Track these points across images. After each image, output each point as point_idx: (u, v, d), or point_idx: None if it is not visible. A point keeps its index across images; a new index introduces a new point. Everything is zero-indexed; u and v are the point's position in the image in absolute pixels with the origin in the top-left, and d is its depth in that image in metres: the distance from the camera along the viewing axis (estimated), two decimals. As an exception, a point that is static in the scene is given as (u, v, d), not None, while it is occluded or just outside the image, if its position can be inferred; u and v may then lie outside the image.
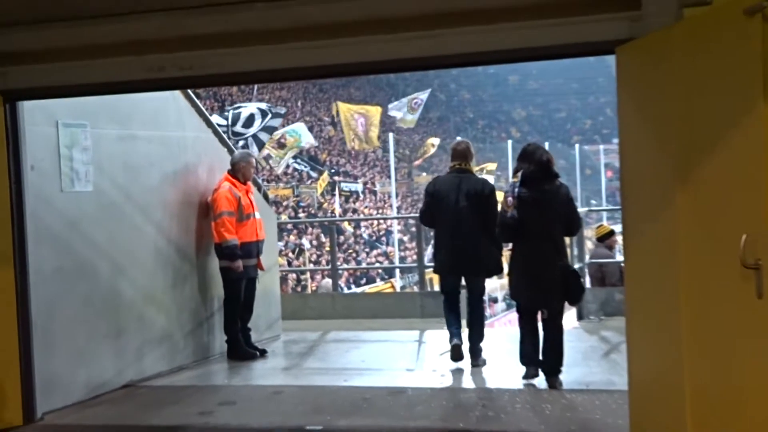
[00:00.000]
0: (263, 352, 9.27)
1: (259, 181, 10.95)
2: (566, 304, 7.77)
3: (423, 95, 37.71)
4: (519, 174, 7.47)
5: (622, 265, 10.80)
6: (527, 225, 7.26)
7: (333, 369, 8.55)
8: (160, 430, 6.53)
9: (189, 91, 9.13)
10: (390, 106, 39.72)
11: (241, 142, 33.01)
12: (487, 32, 6.02)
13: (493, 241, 8.04)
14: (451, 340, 8.23)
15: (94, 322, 7.72)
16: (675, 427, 5.02)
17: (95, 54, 6.69)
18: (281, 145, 30.16)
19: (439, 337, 9.80)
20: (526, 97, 69.56)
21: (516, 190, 7.35)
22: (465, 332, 8.38)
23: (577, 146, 53.72)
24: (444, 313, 8.44)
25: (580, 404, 6.70)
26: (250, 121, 28.07)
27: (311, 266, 28.92)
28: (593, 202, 50.27)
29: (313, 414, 6.73)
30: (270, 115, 29.32)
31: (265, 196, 10.61)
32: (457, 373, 8.16)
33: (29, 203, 6.99)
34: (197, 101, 9.31)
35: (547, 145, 39.21)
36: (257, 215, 9.23)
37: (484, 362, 8.27)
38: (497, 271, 8.46)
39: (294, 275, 27.35)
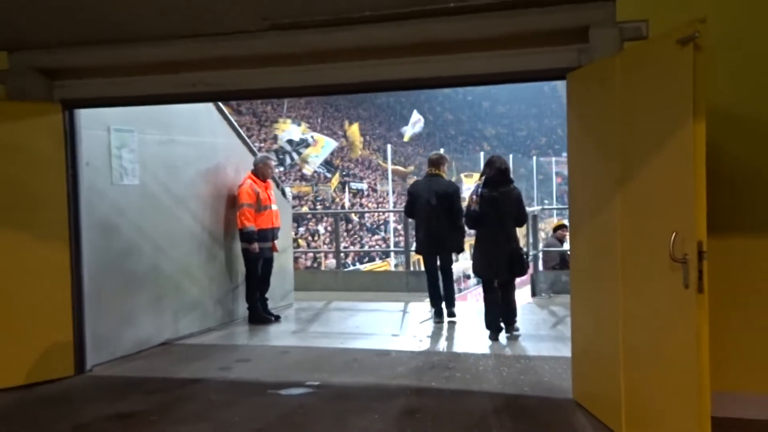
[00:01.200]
0: (277, 318, 8.95)
1: (278, 179, 10.54)
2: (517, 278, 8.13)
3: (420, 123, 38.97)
4: (482, 177, 7.72)
5: (569, 252, 10.51)
6: (486, 217, 7.53)
7: (332, 333, 8.21)
8: (186, 382, 6.19)
9: (221, 105, 8.80)
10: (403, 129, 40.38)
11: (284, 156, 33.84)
12: (462, 59, 5.75)
13: (457, 228, 8.47)
14: (433, 305, 8.71)
15: (138, 291, 7.44)
16: (610, 388, 4.68)
17: (138, 72, 6.43)
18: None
19: (419, 309, 9.54)
20: (495, 119, 69.89)
21: (479, 190, 7.58)
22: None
23: (534, 158, 54.51)
24: (428, 287, 8.81)
25: (532, 368, 6.33)
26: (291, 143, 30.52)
27: (325, 248, 28.83)
28: (546, 201, 50.92)
29: (312, 371, 6.39)
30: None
31: (283, 192, 10.27)
32: (432, 339, 7.84)
33: (84, 193, 6.72)
34: (226, 112, 8.93)
35: (510, 157, 39.84)
36: (274, 207, 8.90)
37: (454, 314, 8.70)
38: (459, 250, 8.85)
39: (310, 255, 27.31)
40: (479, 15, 5.43)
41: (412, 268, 11.56)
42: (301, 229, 34.61)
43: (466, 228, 8.47)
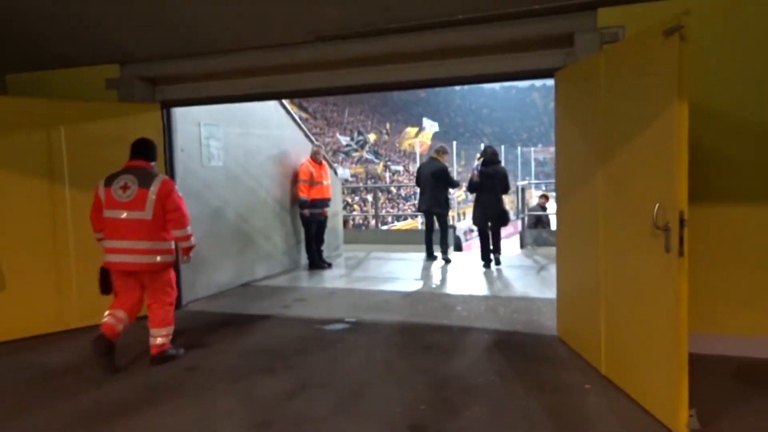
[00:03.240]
0: (329, 265, 8.14)
1: (330, 162, 9.71)
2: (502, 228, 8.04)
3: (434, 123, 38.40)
4: (481, 159, 7.89)
5: (547, 215, 9.55)
6: (482, 186, 7.74)
7: (370, 277, 7.38)
8: (255, 317, 5.45)
9: (287, 105, 7.97)
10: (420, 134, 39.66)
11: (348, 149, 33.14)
12: (469, 62, 4.85)
13: (446, 196, 8.33)
14: (428, 251, 8.51)
15: (223, 246, 6.70)
16: (591, 331, 3.83)
17: (216, 77, 5.66)
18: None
19: (437, 258, 8.67)
20: (491, 121, 68.39)
21: (479, 168, 7.78)
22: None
23: (519, 148, 53.18)
24: (425, 239, 8.62)
25: (523, 308, 5.44)
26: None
27: (372, 211, 28.30)
28: (527, 178, 49.66)
29: (351, 310, 5.59)
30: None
31: (335, 172, 9.40)
32: (446, 283, 6.96)
33: (179, 173, 6.02)
34: (292, 111, 8.10)
35: (502, 148, 39.07)
36: (325, 182, 8.04)
37: (449, 260, 8.35)
38: (442, 213, 8.36)
39: (360, 217, 26.68)
40: (482, 25, 4.55)
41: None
42: (357, 198, 34.24)
43: (451, 187, 8.50)
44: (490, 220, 7.78)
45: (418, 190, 8.77)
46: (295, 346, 4.50)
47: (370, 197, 33.60)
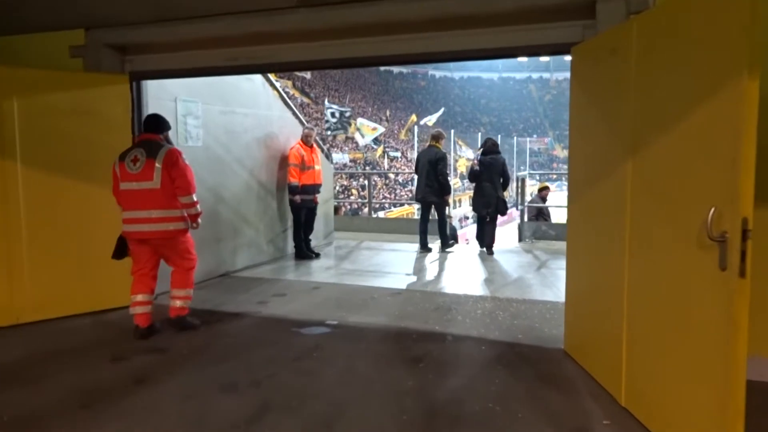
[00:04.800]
0: (317, 255, 7.39)
1: (323, 146, 8.95)
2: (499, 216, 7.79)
3: (439, 112, 37.58)
4: (481, 149, 7.86)
5: (548, 208, 8.84)
6: (481, 174, 7.62)
7: (358, 270, 6.65)
8: (226, 316, 4.76)
9: (276, 83, 7.20)
10: (424, 119, 38.66)
11: (326, 125, 32.38)
12: (472, 35, 4.05)
13: (441, 183, 7.62)
14: (422, 241, 7.88)
15: (200, 233, 5.87)
16: (609, 354, 3.13)
17: (190, 47, 4.88)
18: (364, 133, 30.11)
19: (431, 250, 7.95)
20: (489, 111, 67.23)
21: (479, 157, 7.74)
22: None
23: (515, 138, 52.57)
24: (419, 229, 7.97)
25: (523, 313, 4.72)
26: (334, 116, 28.68)
27: (362, 199, 27.58)
28: (522, 168, 49.18)
29: (334, 309, 4.88)
30: (346, 112, 29.77)
31: (327, 156, 8.64)
32: (439, 279, 6.26)
33: (152, 152, 5.23)
34: (281, 91, 7.33)
35: (499, 137, 38.70)
36: (317, 167, 7.28)
37: (449, 245, 8.02)
38: (437, 202, 7.71)
39: (357, 203, 25.91)
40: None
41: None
42: (355, 182, 33.53)
43: (446, 183, 7.72)
44: (488, 209, 7.64)
45: (416, 177, 8.05)
46: (265, 355, 3.79)
47: (367, 182, 32.86)
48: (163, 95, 5.49)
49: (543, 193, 9.43)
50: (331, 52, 4.40)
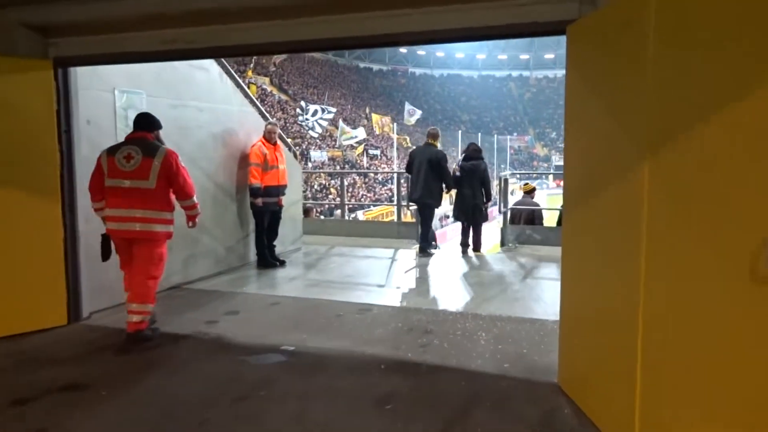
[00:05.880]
0: (282, 263, 6.69)
1: (290, 143, 8.27)
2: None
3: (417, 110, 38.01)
4: (463, 154, 7.66)
5: (541, 211, 8.36)
6: (462, 180, 7.39)
7: (325, 282, 5.97)
8: (166, 339, 4.06)
9: (235, 75, 6.49)
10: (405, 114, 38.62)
11: (307, 124, 31.65)
12: (449, 11, 3.40)
13: (440, 186, 7.29)
14: (421, 245, 7.51)
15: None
16: (617, 394, 2.53)
17: (123, 28, 4.17)
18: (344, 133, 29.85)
19: (406, 256, 7.34)
20: (469, 109, 66.77)
21: (460, 162, 7.54)
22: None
23: (495, 136, 52.27)
24: (420, 230, 7.63)
25: (509, 335, 4.10)
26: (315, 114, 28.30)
27: (338, 200, 26.82)
28: (502, 166, 49.00)
29: (293, 331, 4.21)
30: (326, 112, 29.36)
31: (295, 155, 7.93)
32: (413, 292, 5.62)
33: (83, 151, 4.58)
34: (243, 84, 6.65)
35: (479, 136, 38.53)
36: (281, 167, 6.57)
37: (435, 247, 7.82)
38: (436, 204, 7.43)
39: (332, 204, 25.13)
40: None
41: (402, 219, 9.18)
42: (334, 181, 32.82)
43: (446, 186, 7.33)
44: (465, 213, 7.46)
45: (395, 176, 7.61)
46: (200, 393, 3.13)
47: (346, 181, 32.12)
48: (97, 85, 4.79)
49: (532, 194, 8.79)
50: (280, 33, 3.74)
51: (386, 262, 6.96)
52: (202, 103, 5.96)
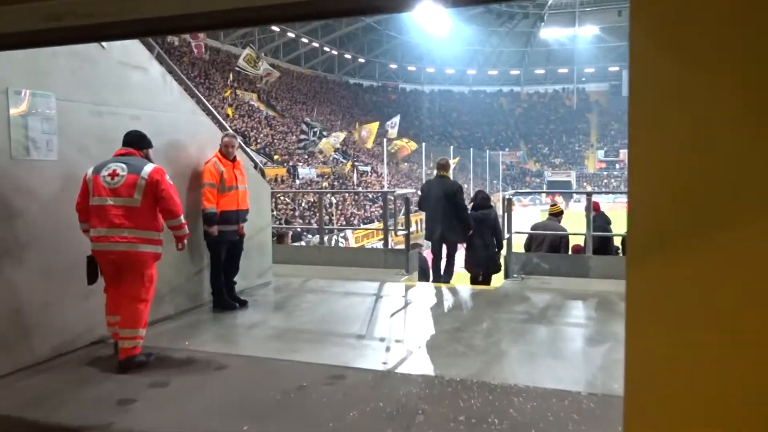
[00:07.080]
0: (244, 303, 5.50)
1: (256, 159, 7.13)
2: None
3: (396, 119, 39.26)
4: (472, 203, 7.29)
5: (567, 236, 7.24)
6: (473, 230, 6.95)
7: (292, 330, 4.75)
8: (60, 430, 2.87)
9: (182, 75, 5.37)
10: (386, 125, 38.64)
11: (303, 143, 30.86)
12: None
13: (460, 219, 6.85)
14: (435, 280, 7.10)
15: (58, 285, 4.05)
16: None
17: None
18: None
19: (394, 291, 6.18)
20: (460, 124, 65.93)
21: (470, 212, 7.08)
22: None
23: (487, 151, 51.61)
24: (432, 268, 7.21)
25: (531, 419, 2.92)
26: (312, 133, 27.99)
27: (305, 225, 25.76)
28: (494, 182, 48.42)
29: (233, 417, 3.00)
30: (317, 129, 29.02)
31: (262, 173, 6.75)
32: (403, 345, 4.39)
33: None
34: (194, 89, 5.53)
35: (471, 151, 38.01)
36: (241, 188, 5.39)
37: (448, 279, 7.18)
38: (460, 240, 7.02)
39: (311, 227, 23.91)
40: None
41: (389, 246, 7.94)
42: (325, 200, 31.73)
43: (462, 228, 6.89)
44: (478, 264, 6.99)
45: (422, 212, 7.30)
46: None
47: (334, 199, 30.87)
48: (-19, 85, 3.66)
49: (560, 217, 7.48)
50: (202, 3, 2.61)
51: (370, 301, 5.77)
52: (139, 110, 4.82)
